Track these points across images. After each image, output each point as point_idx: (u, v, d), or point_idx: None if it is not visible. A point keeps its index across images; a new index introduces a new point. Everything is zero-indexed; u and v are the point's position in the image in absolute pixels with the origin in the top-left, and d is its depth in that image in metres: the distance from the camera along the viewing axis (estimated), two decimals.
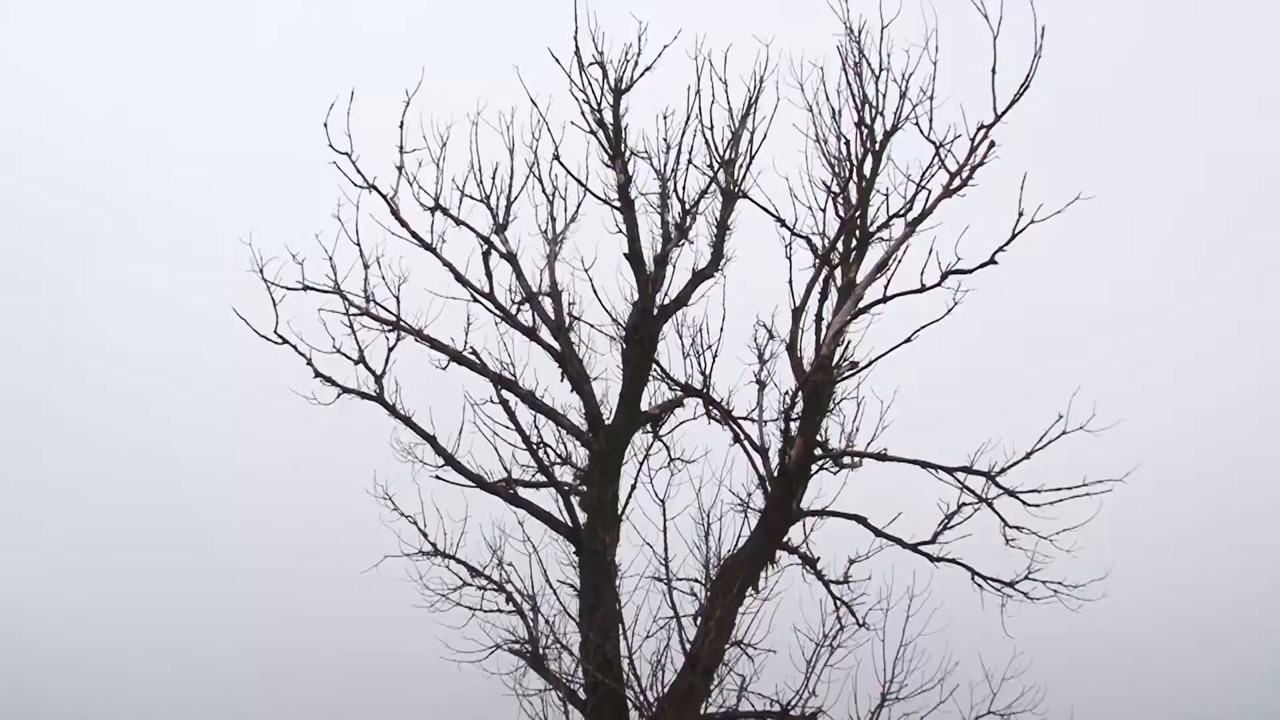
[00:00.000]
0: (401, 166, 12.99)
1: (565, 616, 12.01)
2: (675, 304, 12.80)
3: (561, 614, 12.03)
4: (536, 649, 11.85)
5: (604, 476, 12.42)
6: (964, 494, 12.18)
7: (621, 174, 12.96)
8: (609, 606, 11.77)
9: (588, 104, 12.93)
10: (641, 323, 12.67)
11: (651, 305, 12.73)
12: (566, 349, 12.88)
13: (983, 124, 11.65)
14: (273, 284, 12.87)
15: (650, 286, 12.76)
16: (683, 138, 12.95)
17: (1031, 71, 11.54)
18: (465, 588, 12.36)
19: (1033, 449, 11.97)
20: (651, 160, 13.06)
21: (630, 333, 12.68)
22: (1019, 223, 11.52)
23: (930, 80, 11.78)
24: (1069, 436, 11.86)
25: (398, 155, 13.00)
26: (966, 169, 11.79)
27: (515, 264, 13.13)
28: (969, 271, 11.71)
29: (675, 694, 11.34)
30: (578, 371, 12.77)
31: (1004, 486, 12.10)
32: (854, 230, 12.16)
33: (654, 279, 12.81)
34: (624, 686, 11.51)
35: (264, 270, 12.85)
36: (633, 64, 12.96)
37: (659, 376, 12.75)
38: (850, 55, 12.10)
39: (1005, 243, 11.66)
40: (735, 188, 12.88)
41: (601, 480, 12.38)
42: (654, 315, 12.72)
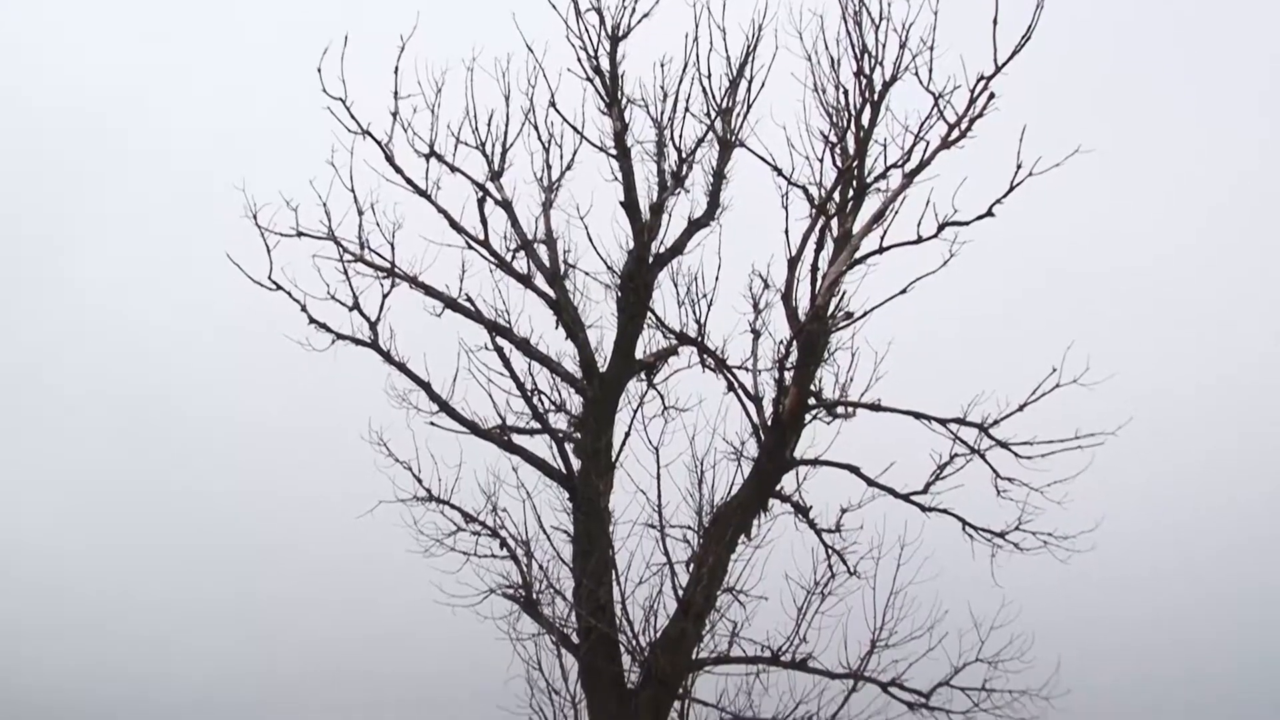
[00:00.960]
0: (396, 113, 12.91)
1: (559, 562, 12.15)
2: (671, 252, 12.79)
3: (555, 559, 12.16)
4: (530, 594, 11.95)
5: (598, 424, 12.46)
6: (956, 445, 12.23)
7: (618, 122, 12.90)
8: (602, 552, 11.85)
9: (584, 50, 12.87)
10: (637, 271, 12.67)
11: (647, 253, 12.72)
12: (561, 296, 12.88)
13: (983, 75, 11.56)
14: (267, 230, 12.82)
15: (646, 235, 12.75)
16: (680, 86, 12.91)
17: (1033, 23, 11.44)
18: (460, 533, 12.43)
19: (1026, 401, 11.98)
20: (648, 108, 13.02)
21: (625, 281, 12.68)
22: (1017, 175, 11.46)
23: (930, 30, 11.68)
24: (1062, 390, 11.87)
25: (392, 101, 12.91)
26: (965, 120, 11.72)
27: (510, 211, 13.10)
28: (966, 223, 11.67)
29: (667, 639, 11.46)
30: (572, 319, 12.77)
31: (996, 438, 12.15)
32: (851, 180, 12.12)
33: (650, 227, 12.79)
34: (617, 631, 11.63)
35: (257, 216, 12.81)
36: (630, 10, 12.91)
37: (654, 324, 12.75)
38: (850, 4, 11.99)
39: (1003, 195, 11.61)
40: (732, 137, 12.83)
41: (595, 427, 12.43)
42: (649, 263, 12.72)
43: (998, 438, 12.13)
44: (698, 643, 11.56)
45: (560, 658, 11.68)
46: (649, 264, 12.71)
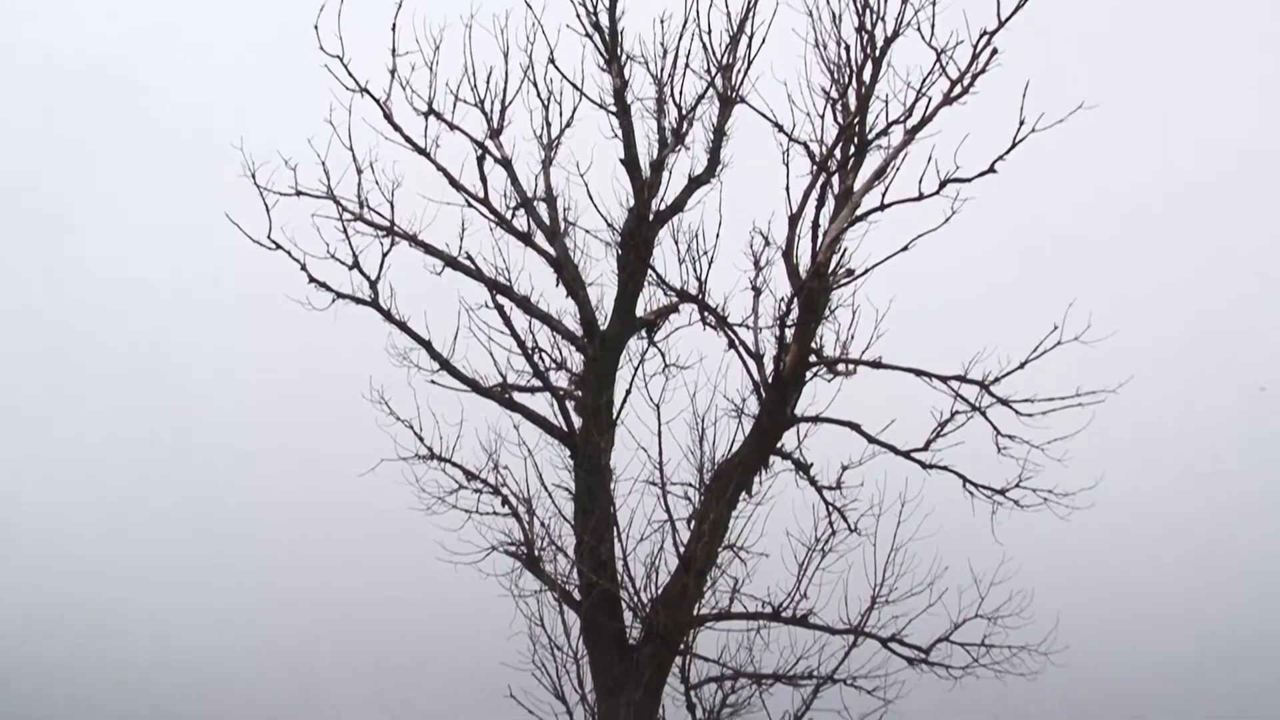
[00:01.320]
0: (394, 70, 12.77)
1: (560, 519, 12.19)
2: (671, 210, 12.74)
3: (557, 517, 12.21)
4: (532, 551, 12.01)
5: (599, 381, 12.47)
6: (957, 402, 12.24)
7: (618, 78, 12.80)
8: (604, 509, 11.90)
9: (583, 6, 12.72)
10: (637, 228, 12.62)
11: (647, 211, 12.67)
12: (562, 254, 12.84)
13: (985, 30, 11.45)
14: (265, 189, 12.75)
15: (646, 192, 12.68)
16: (680, 42, 12.76)
17: None
18: (461, 491, 12.48)
19: (1027, 359, 11.99)
20: (648, 65, 12.89)
21: (626, 238, 12.63)
22: (1019, 132, 11.37)
23: None
24: (1063, 347, 11.85)
25: (390, 59, 12.78)
26: (968, 76, 11.62)
27: (510, 169, 13.02)
28: (968, 180, 11.61)
29: (669, 595, 11.53)
30: (573, 277, 12.75)
31: (997, 395, 12.16)
32: (852, 137, 12.03)
33: (650, 185, 12.72)
34: (618, 588, 11.69)
35: (256, 175, 12.73)
36: None
37: (654, 282, 12.73)
38: None
39: (1005, 152, 11.53)
40: (733, 93, 12.73)
41: (596, 385, 12.44)
42: (650, 221, 12.66)
43: (998, 395, 12.15)
44: (699, 599, 11.63)
45: (562, 614, 11.76)
46: (649, 221, 12.66)
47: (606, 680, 11.44)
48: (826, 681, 11.49)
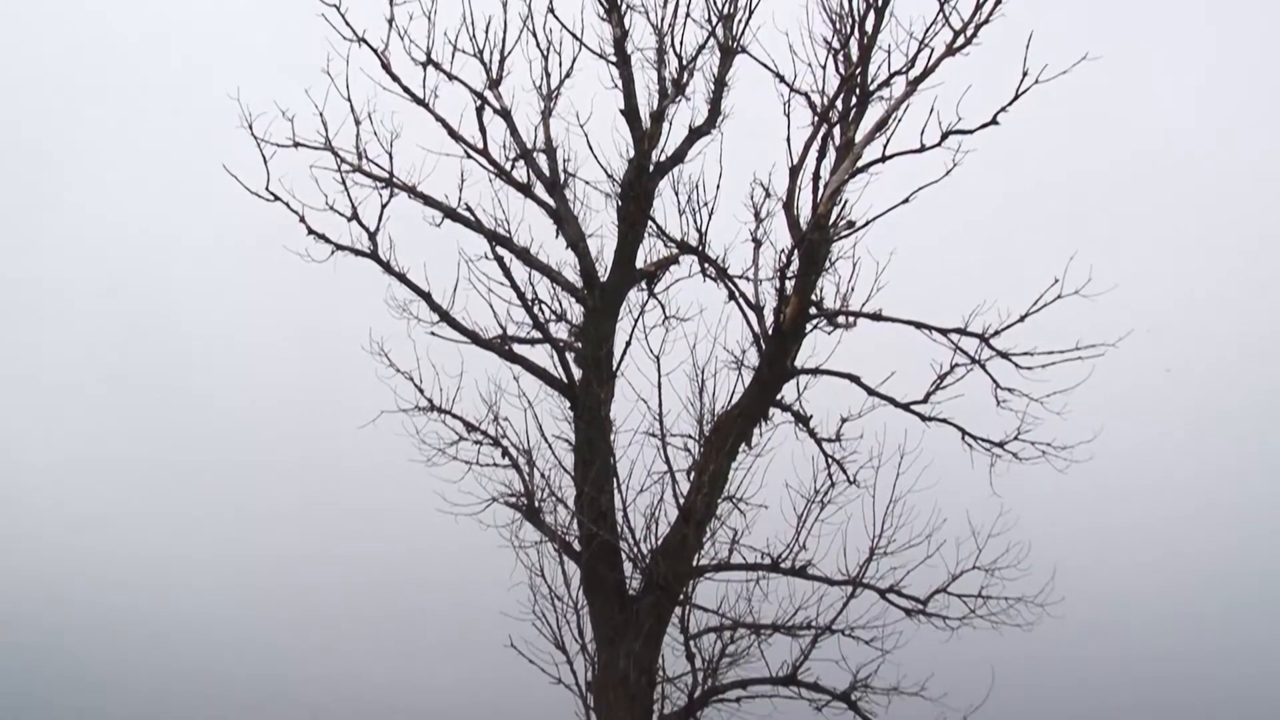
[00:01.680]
0: (392, 19, 12.64)
1: (560, 470, 12.22)
2: (671, 161, 12.66)
3: (556, 468, 12.24)
4: (532, 502, 12.05)
5: (599, 333, 12.45)
6: (957, 355, 12.24)
7: (618, 28, 12.68)
8: (603, 461, 11.93)
9: None
10: (637, 179, 12.55)
11: (647, 162, 12.59)
12: (561, 206, 12.79)
13: None
14: (262, 141, 12.67)
15: (646, 143, 12.60)
16: None
17: None
18: (461, 442, 12.50)
19: (1027, 312, 11.98)
20: (648, 14, 12.74)
21: (626, 189, 12.57)
22: (1023, 83, 11.28)
23: None
24: (1064, 300, 11.84)
25: (388, 8, 12.65)
26: (971, 26, 11.51)
27: (509, 120, 12.93)
28: (970, 132, 11.54)
29: (668, 546, 11.59)
30: (573, 228, 12.70)
31: (997, 348, 12.16)
32: (854, 88, 11.94)
33: (650, 135, 12.63)
34: (618, 539, 11.74)
35: (253, 127, 12.65)
36: None
37: (654, 233, 12.67)
38: None
39: (1008, 103, 11.45)
40: (734, 43, 12.61)
41: (596, 336, 12.42)
42: (650, 172, 12.59)
43: (998, 348, 12.15)
44: (698, 550, 11.69)
45: (562, 565, 11.82)
46: (649, 172, 12.58)
47: (606, 630, 11.51)
48: (825, 632, 11.56)
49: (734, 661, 11.55)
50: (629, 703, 11.19)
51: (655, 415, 11.94)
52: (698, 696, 11.36)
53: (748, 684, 11.55)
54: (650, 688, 11.40)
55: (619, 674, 11.26)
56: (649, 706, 11.37)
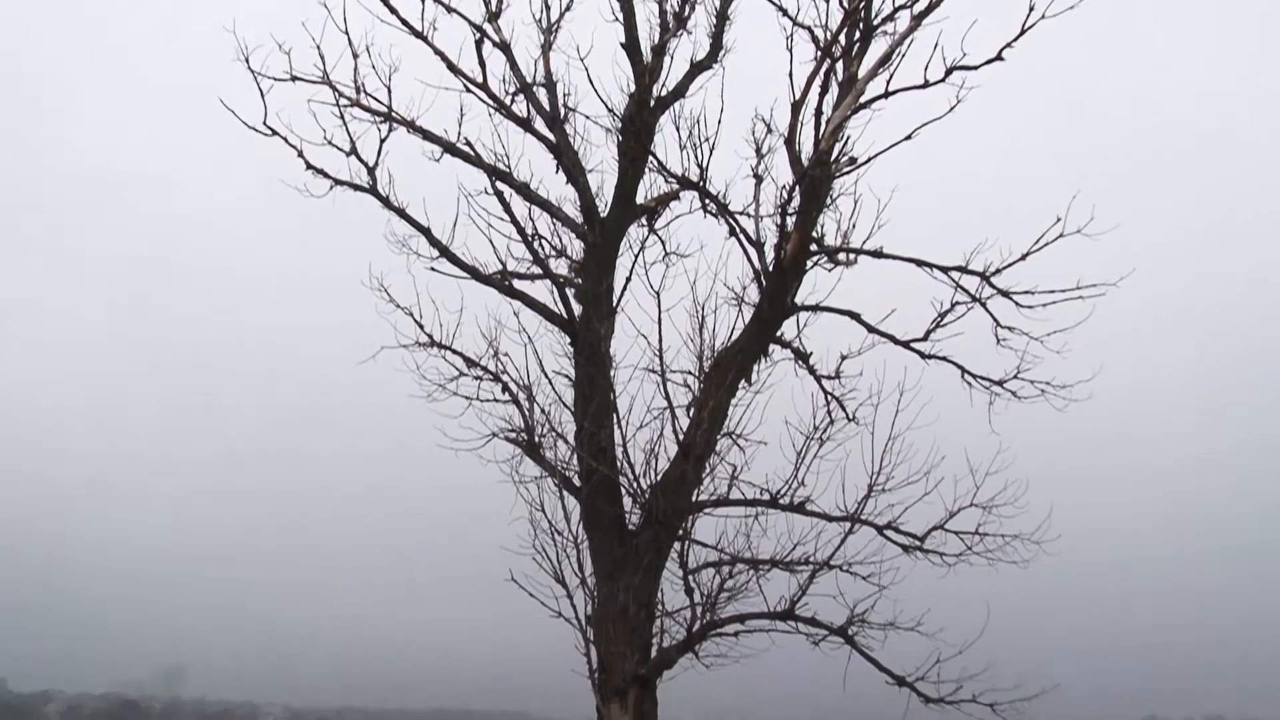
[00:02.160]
0: None
1: (560, 406, 12.26)
2: (672, 96, 12.57)
3: (557, 403, 12.27)
4: (532, 437, 12.09)
5: (599, 269, 12.43)
6: (958, 293, 12.24)
7: None
8: (603, 396, 11.95)
9: None
10: (638, 114, 12.47)
11: (648, 97, 12.50)
12: (561, 141, 12.70)
13: None
14: (259, 74, 12.56)
15: (647, 77, 12.50)
16: None
17: None
18: (462, 378, 12.53)
19: (1029, 250, 11.95)
20: None
21: (626, 124, 12.49)
22: (1029, 18, 11.18)
23: None
24: (1066, 239, 11.83)
25: None
26: None
27: (509, 53, 12.81)
28: (974, 68, 11.44)
29: (668, 481, 11.64)
30: (573, 163, 12.62)
31: (998, 287, 12.15)
32: (858, 22, 11.81)
33: (651, 70, 12.53)
34: (618, 474, 11.79)
35: (249, 60, 12.53)
36: None
37: (655, 169, 12.63)
38: None
39: (1013, 39, 11.34)
40: None
41: (596, 272, 12.40)
42: (651, 107, 12.51)
43: (999, 286, 12.14)
44: (697, 485, 11.74)
45: (562, 500, 11.86)
46: (650, 107, 12.50)
47: (606, 564, 11.59)
48: (823, 567, 11.61)
49: (732, 596, 11.62)
50: (628, 636, 11.29)
51: (655, 351, 11.98)
52: (696, 630, 11.44)
53: (746, 618, 11.63)
54: (649, 621, 11.50)
55: (618, 608, 11.35)
56: (648, 640, 11.47)
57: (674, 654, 11.43)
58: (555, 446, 12.02)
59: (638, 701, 11.22)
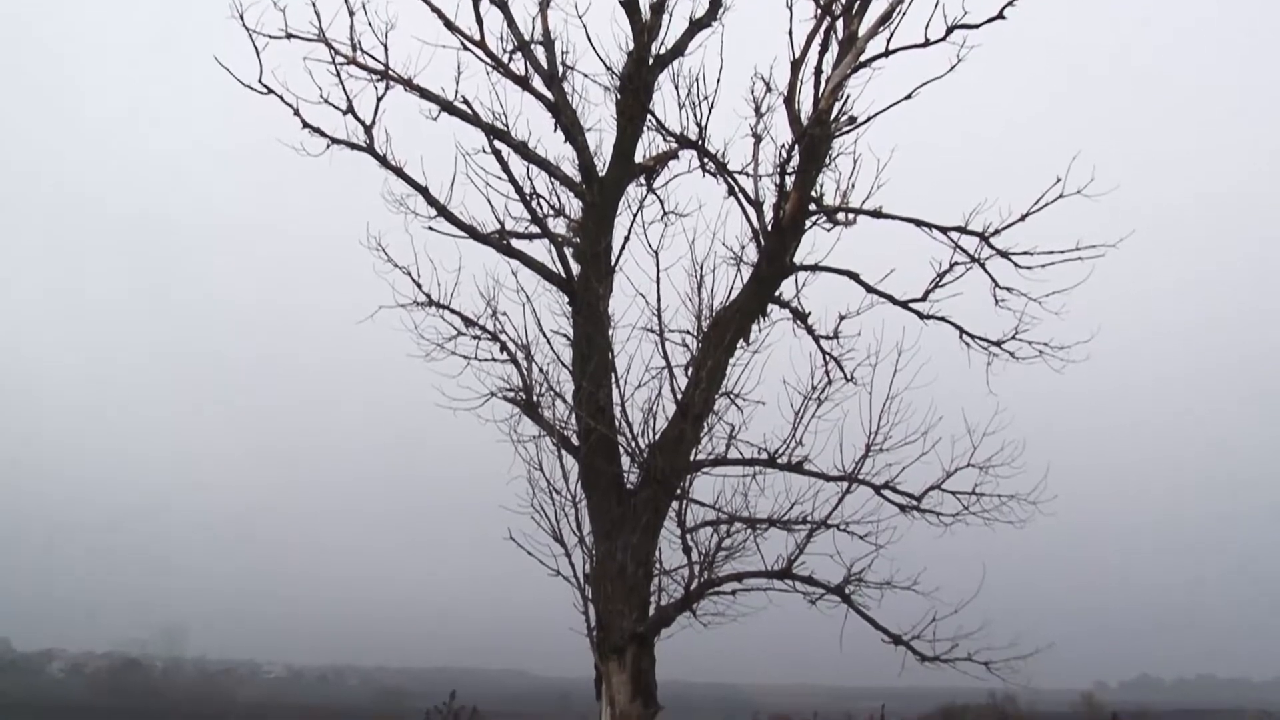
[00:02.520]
0: None
1: (559, 365, 12.26)
2: (671, 54, 12.49)
3: (555, 363, 12.27)
4: (530, 396, 12.09)
5: (597, 228, 12.40)
6: (956, 253, 12.22)
7: None
8: (602, 356, 11.94)
9: None
10: (636, 72, 12.40)
11: (647, 55, 12.43)
12: (560, 99, 12.63)
13: None
14: (255, 32, 12.46)
15: (646, 35, 12.42)
16: None
17: None
18: (460, 337, 12.53)
19: (1028, 211, 11.93)
20: None
21: (625, 83, 12.41)
22: None
23: None
24: (1066, 200, 11.79)
25: None
26: None
27: (506, 10, 12.73)
28: (975, 26, 11.39)
29: (666, 440, 11.66)
30: (571, 122, 12.56)
31: (997, 247, 12.14)
32: None
33: (650, 27, 12.45)
34: (616, 433, 11.81)
35: (244, 16, 12.43)
36: None
37: (654, 128, 12.55)
38: None
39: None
40: None
41: (594, 231, 12.37)
42: (649, 65, 12.44)
43: (998, 247, 12.14)
44: (696, 444, 11.75)
45: (561, 459, 11.87)
46: (649, 66, 12.43)
47: (604, 523, 11.63)
48: (820, 526, 11.64)
49: (730, 555, 11.65)
50: (626, 594, 11.34)
51: (654, 311, 11.96)
52: (694, 588, 11.49)
53: (743, 577, 11.67)
54: (647, 580, 11.55)
55: (616, 566, 11.40)
56: (646, 598, 11.52)
57: (672, 612, 11.48)
58: (554, 406, 12.04)
59: (635, 659, 11.29)
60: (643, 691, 11.27)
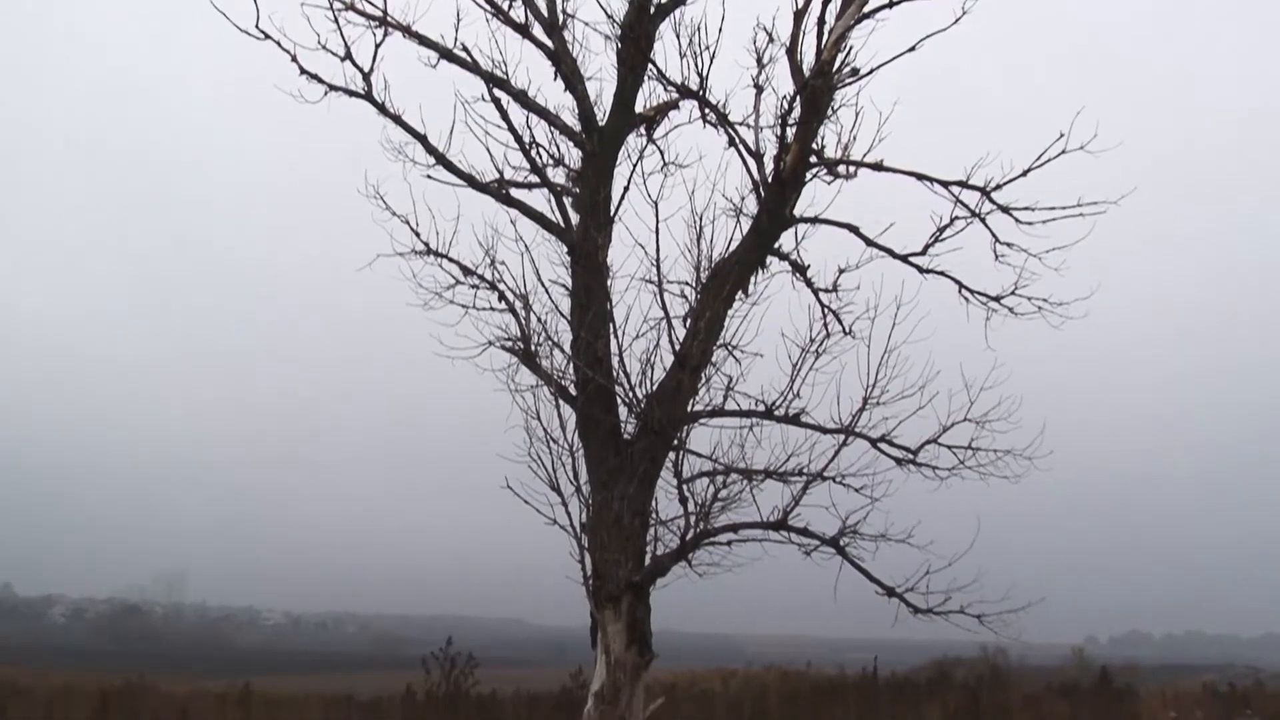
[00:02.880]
0: None
1: (557, 315, 12.24)
2: (673, 2, 12.34)
3: (553, 313, 12.25)
4: (529, 346, 12.08)
5: (597, 177, 12.32)
6: (957, 208, 12.17)
7: None
8: (600, 306, 11.94)
9: None
10: (638, 21, 12.25)
11: (648, 3, 12.29)
12: (560, 47, 12.51)
13: None
14: None
15: None
16: None
17: None
18: (458, 286, 12.50)
19: (1030, 166, 11.86)
20: None
21: (626, 31, 12.28)
22: None
23: None
24: (1068, 156, 11.73)
25: None
26: None
27: None
28: None
29: (663, 391, 11.66)
30: (571, 71, 12.45)
31: (998, 202, 12.09)
32: None
33: None
34: (614, 383, 11.82)
35: None
36: None
37: (654, 77, 12.43)
38: None
39: None
40: None
41: (594, 181, 12.29)
42: (651, 14, 12.30)
43: (999, 202, 12.09)
44: (693, 395, 11.76)
45: (558, 409, 11.88)
46: (650, 14, 12.29)
47: (601, 473, 11.65)
48: (816, 479, 11.66)
49: (726, 506, 11.67)
50: (622, 543, 11.39)
51: (652, 261, 11.93)
52: (690, 539, 11.53)
53: (739, 528, 11.71)
54: (643, 530, 11.60)
55: (613, 516, 11.44)
56: (642, 548, 11.58)
57: (667, 562, 11.54)
58: (551, 355, 12.01)
59: (631, 608, 11.36)
60: (638, 640, 11.35)
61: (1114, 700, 30.48)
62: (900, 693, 31.79)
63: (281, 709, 28.50)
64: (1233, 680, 37.07)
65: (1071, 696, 31.77)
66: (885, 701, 29.66)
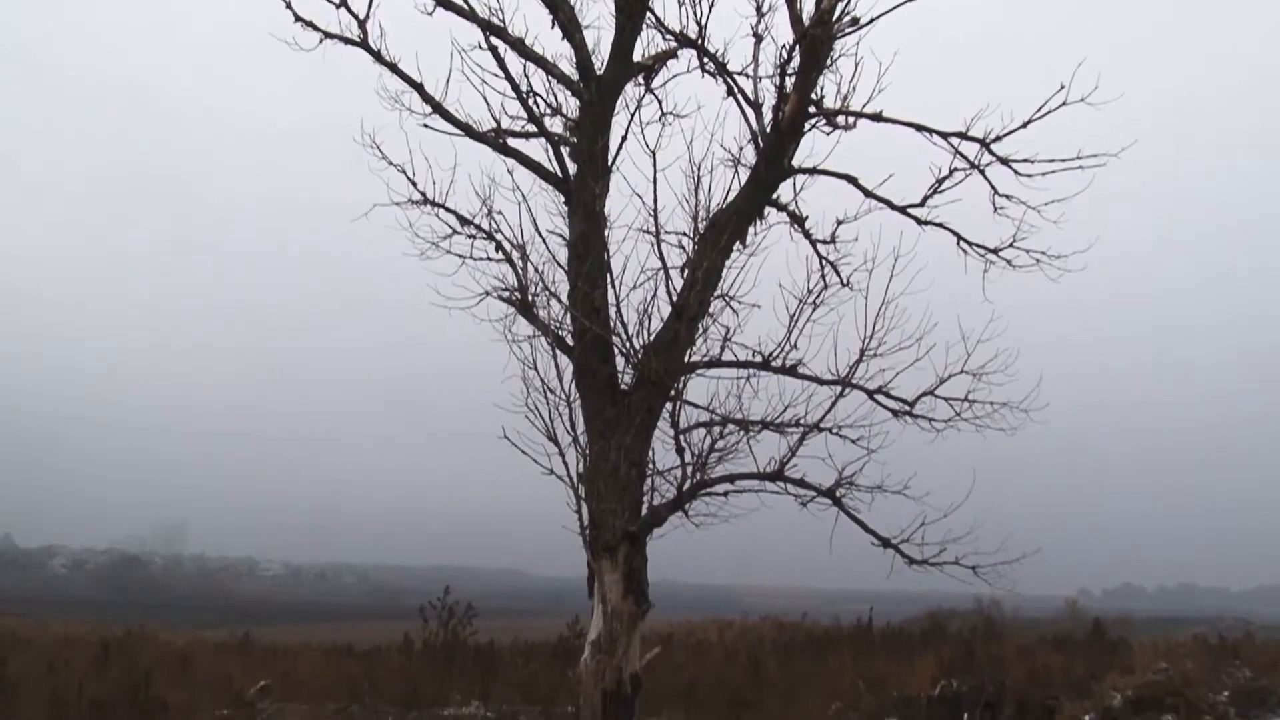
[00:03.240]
0: None
1: (554, 265, 12.21)
2: None
3: (550, 263, 12.22)
4: (526, 296, 12.06)
5: (594, 127, 12.23)
6: (956, 159, 12.09)
7: None
8: (597, 256, 11.90)
9: None
10: None
11: None
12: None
13: None
14: None
15: None
16: None
17: None
18: (455, 236, 12.46)
19: (1031, 118, 11.77)
20: None
21: None
22: None
23: None
24: (1069, 108, 11.63)
25: None
26: None
27: None
28: None
29: (660, 342, 11.66)
30: (569, 18, 12.32)
31: (998, 154, 12.02)
32: None
33: None
34: (611, 333, 11.81)
35: None
36: None
37: (653, 25, 12.30)
38: None
39: None
40: None
41: (592, 131, 12.21)
42: None
43: (999, 154, 12.02)
44: (690, 346, 11.75)
45: (555, 359, 11.86)
46: None
47: (598, 423, 11.67)
48: (812, 430, 11.68)
49: (723, 456, 11.71)
50: (619, 494, 11.43)
51: (650, 211, 11.89)
52: (686, 489, 11.58)
53: (735, 478, 11.75)
54: (640, 480, 11.63)
55: (609, 466, 11.47)
56: (638, 498, 11.61)
57: (664, 512, 11.59)
58: (549, 305, 11.99)
59: (628, 557, 11.41)
60: (634, 590, 11.42)
61: (1107, 652, 30.72)
62: (895, 643, 32.07)
63: (280, 658, 28.74)
64: (1223, 632, 37.38)
65: (1065, 648, 32.03)
66: (880, 652, 29.94)
